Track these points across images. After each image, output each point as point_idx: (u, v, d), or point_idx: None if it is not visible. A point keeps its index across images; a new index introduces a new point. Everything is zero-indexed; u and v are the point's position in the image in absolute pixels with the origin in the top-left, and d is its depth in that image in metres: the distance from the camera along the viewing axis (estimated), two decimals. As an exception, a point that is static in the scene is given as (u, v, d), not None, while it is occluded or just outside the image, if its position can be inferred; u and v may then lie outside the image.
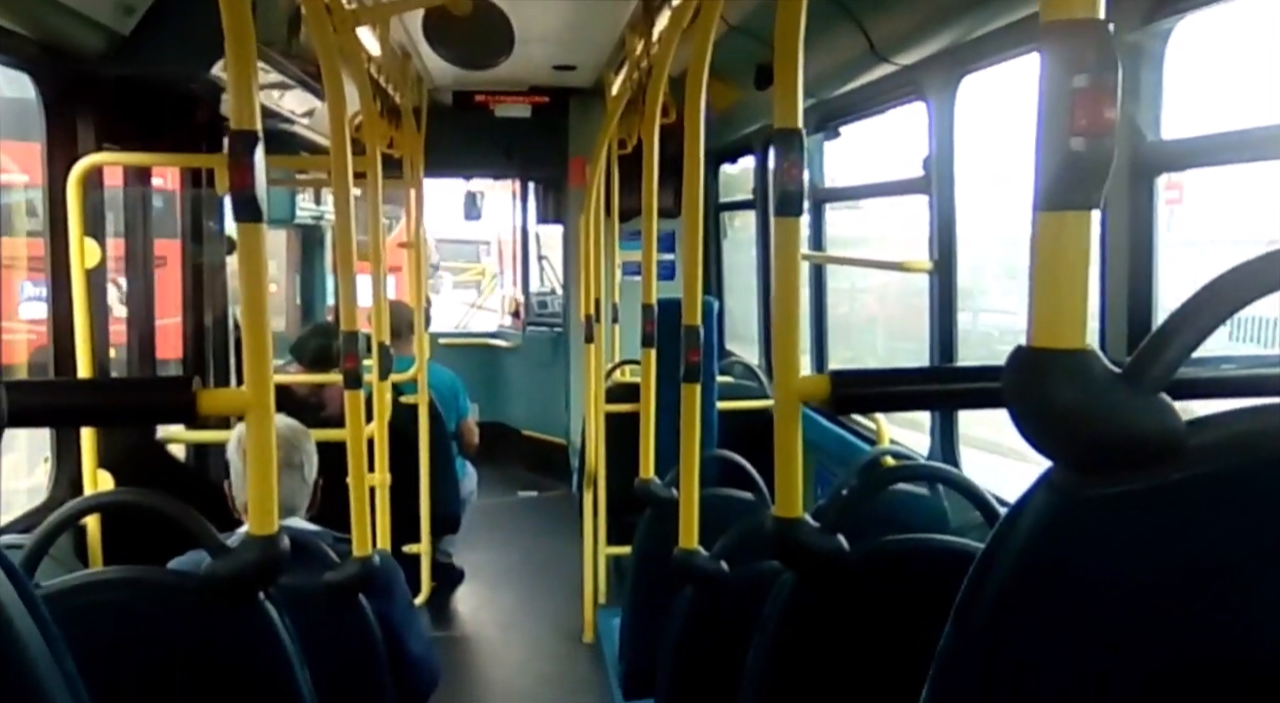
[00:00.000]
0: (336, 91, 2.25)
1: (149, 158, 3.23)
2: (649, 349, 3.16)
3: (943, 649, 0.90)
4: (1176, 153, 2.33)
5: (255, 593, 1.64)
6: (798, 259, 1.67)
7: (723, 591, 2.26)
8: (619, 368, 5.19)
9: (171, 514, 1.68)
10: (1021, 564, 0.84)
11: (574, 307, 6.86)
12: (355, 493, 2.21)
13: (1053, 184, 0.82)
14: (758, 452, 3.19)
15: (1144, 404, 0.80)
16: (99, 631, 1.56)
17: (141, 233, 3.44)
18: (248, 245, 1.54)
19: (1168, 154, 2.33)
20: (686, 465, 2.37)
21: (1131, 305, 2.40)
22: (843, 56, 3.45)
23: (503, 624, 4.98)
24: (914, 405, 2.41)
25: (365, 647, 2.19)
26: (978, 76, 3.13)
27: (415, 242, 4.63)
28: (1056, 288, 0.83)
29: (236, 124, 1.51)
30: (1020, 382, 0.84)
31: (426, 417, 4.37)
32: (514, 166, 7.45)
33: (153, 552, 2.08)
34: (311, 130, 4.70)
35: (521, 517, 6.65)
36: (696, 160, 2.36)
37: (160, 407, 1.66)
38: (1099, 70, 0.79)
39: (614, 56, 5.37)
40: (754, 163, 5.54)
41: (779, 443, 1.68)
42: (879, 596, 1.69)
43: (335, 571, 2.14)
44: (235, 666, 1.66)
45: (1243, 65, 2.84)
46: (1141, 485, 0.81)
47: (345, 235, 2.32)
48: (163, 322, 3.59)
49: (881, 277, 6.38)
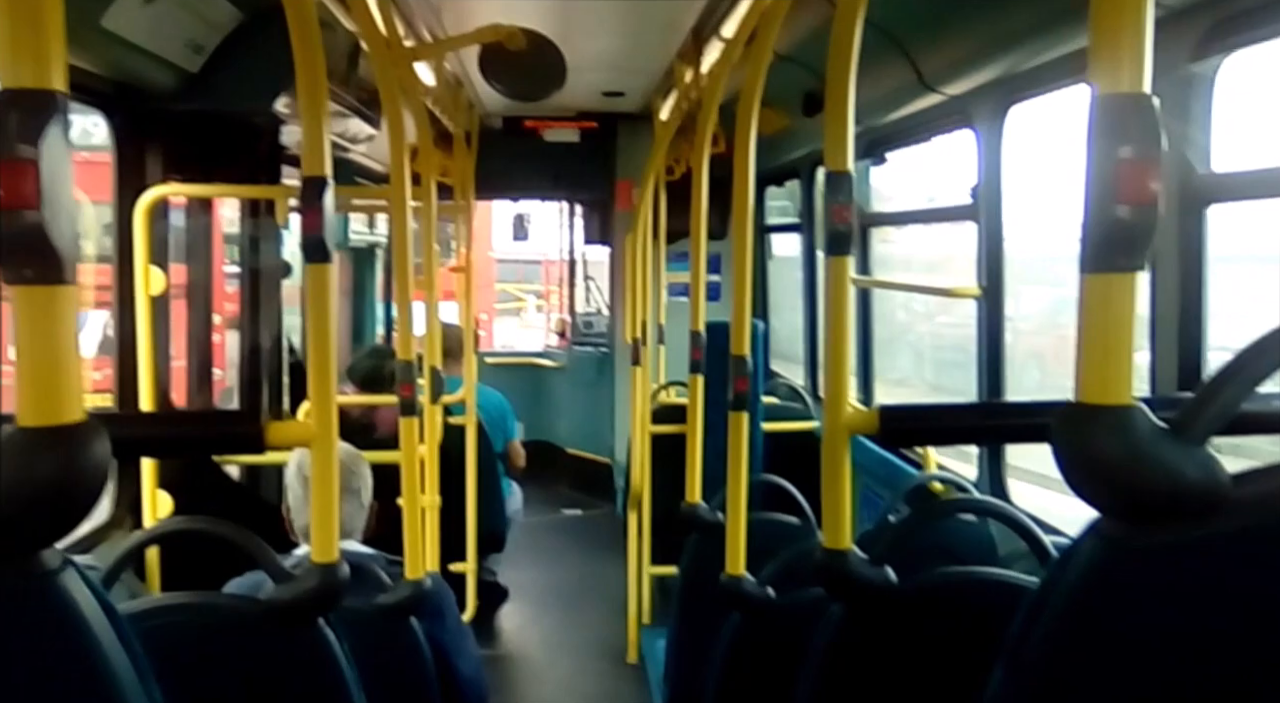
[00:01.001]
0: (397, 126, 2.31)
1: (213, 189, 3.33)
2: (696, 375, 3.19)
3: (992, 690, 0.93)
4: (1226, 185, 2.33)
5: (316, 618, 1.70)
6: (848, 296, 1.70)
7: (770, 617, 2.29)
8: (664, 390, 5.23)
9: (239, 543, 1.74)
10: (1070, 610, 0.87)
11: (619, 327, 6.91)
12: (409, 516, 2.26)
13: (1099, 248, 0.86)
14: (802, 473, 3.21)
15: (1189, 458, 0.83)
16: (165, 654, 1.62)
17: (203, 261, 3.54)
18: (316, 284, 1.60)
19: (1218, 186, 2.33)
20: (733, 492, 2.40)
21: (1182, 333, 2.40)
22: (890, 86, 3.48)
23: (547, 643, 5.01)
24: (961, 440, 2.42)
25: (417, 668, 2.23)
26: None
27: (467, 265, 4.71)
28: (1104, 346, 0.86)
29: (308, 170, 1.57)
30: (1069, 435, 0.87)
31: (474, 437, 4.43)
32: (562, 190, 7.54)
33: (209, 572, 2.15)
34: (367, 157, 4.81)
35: (565, 535, 6.69)
36: (746, 189, 2.40)
37: (230, 439, 1.72)
38: (1144, 142, 0.83)
39: (663, 83, 5.43)
40: (800, 187, 5.57)
41: (827, 474, 1.70)
42: (928, 628, 1.71)
43: (389, 594, 2.19)
44: (295, 690, 1.71)
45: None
46: (1187, 537, 0.83)
47: (402, 263, 2.38)
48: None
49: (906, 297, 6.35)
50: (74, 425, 0.93)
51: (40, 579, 0.92)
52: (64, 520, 0.93)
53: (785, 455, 4.04)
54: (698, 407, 3.17)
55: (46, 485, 0.90)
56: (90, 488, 0.93)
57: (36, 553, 0.93)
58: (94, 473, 0.93)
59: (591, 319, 8.27)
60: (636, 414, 4.63)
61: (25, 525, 0.90)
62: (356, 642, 1.81)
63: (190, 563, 2.25)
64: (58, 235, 0.89)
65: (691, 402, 3.20)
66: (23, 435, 0.91)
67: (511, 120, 6.67)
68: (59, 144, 0.88)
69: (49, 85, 0.89)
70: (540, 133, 6.70)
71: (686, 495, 3.07)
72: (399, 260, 2.39)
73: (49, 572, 0.93)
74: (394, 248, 2.43)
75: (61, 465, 0.91)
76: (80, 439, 0.93)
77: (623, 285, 6.47)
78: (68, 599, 0.93)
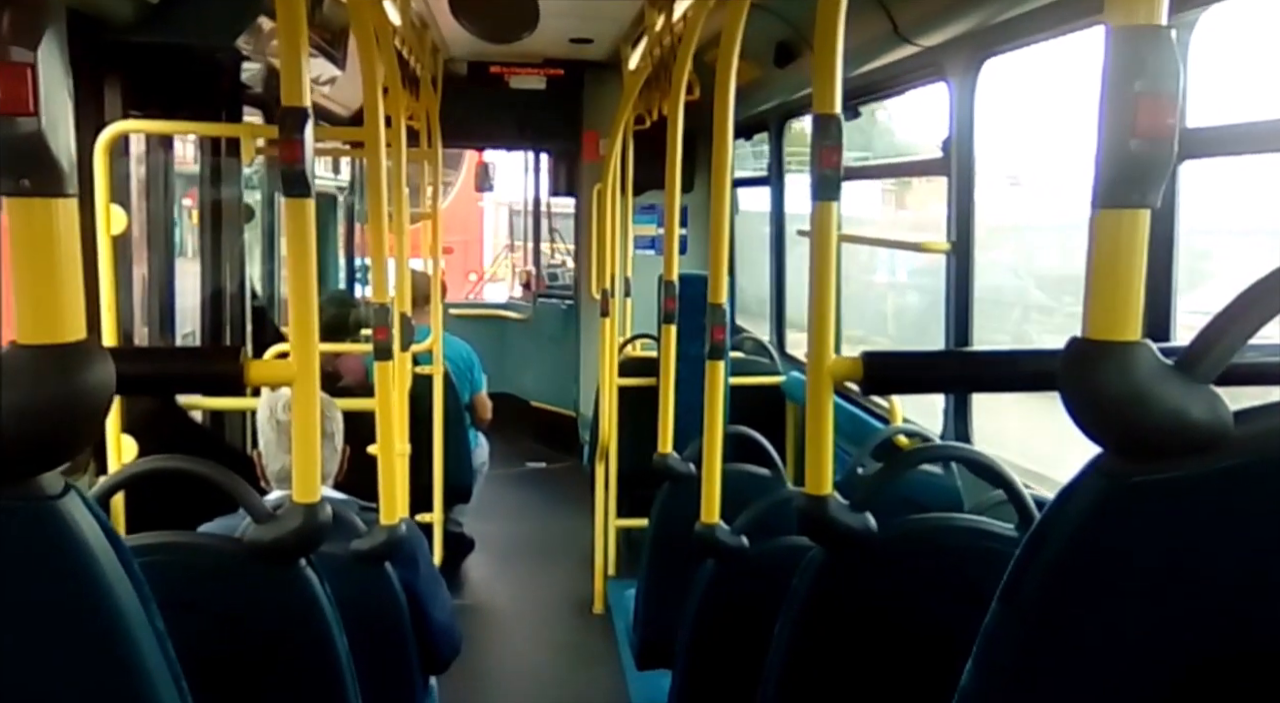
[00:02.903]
0: (370, 64, 2.26)
1: (176, 126, 3.24)
2: (670, 326, 3.18)
3: (988, 628, 0.93)
4: (1201, 140, 2.34)
5: (298, 559, 1.68)
6: (834, 243, 1.70)
7: (744, 565, 2.30)
8: (630, 343, 5.22)
9: (220, 482, 1.72)
10: (1070, 547, 0.87)
11: (585, 279, 6.88)
12: (384, 463, 2.24)
13: (1111, 183, 0.85)
14: (768, 426, 3.23)
15: (1194, 395, 0.83)
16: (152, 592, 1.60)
17: (163, 201, 3.46)
18: (296, 220, 1.56)
19: (1192, 142, 2.34)
20: (710, 442, 2.40)
21: (1151, 292, 2.42)
22: (865, 36, 3.45)
23: (513, 594, 5.04)
24: (945, 388, 2.43)
25: (392, 614, 2.23)
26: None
27: (434, 212, 4.65)
28: (1113, 282, 0.86)
29: (287, 101, 1.53)
30: (1075, 371, 0.87)
31: (441, 387, 4.41)
32: (527, 139, 7.44)
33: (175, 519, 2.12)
34: (330, 100, 4.71)
35: (530, 488, 6.70)
36: (725, 138, 2.38)
37: (210, 376, 1.69)
38: (1160, 75, 0.82)
39: (631, 31, 5.36)
40: (769, 140, 5.55)
41: (811, 421, 1.71)
42: (906, 573, 1.73)
43: (363, 539, 2.17)
44: (278, 629, 1.70)
45: (1269, 55, 2.84)
46: (1189, 473, 0.84)
47: (377, 207, 2.34)
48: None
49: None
50: (76, 344, 0.90)
51: (43, 504, 0.90)
52: (67, 443, 0.89)
53: (751, 409, 4.06)
54: (670, 357, 3.17)
55: (48, 405, 0.87)
56: (93, 408, 0.90)
57: (38, 478, 0.90)
58: (97, 393, 0.90)
59: (556, 271, 8.22)
60: (605, 366, 4.63)
61: (27, 448, 0.87)
62: (332, 586, 1.80)
63: (157, 509, 2.22)
64: (56, 144, 0.85)
65: (665, 352, 3.19)
66: (23, 354, 0.88)
67: (477, 66, 6.55)
68: (56, 48, 0.84)
69: None
70: (506, 79, 6.60)
71: (659, 446, 3.07)
72: (373, 203, 2.35)
73: (51, 496, 0.90)
74: (368, 191, 2.38)
75: (63, 384, 0.87)
76: (83, 358, 0.89)
77: (588, 237, 6.42)
78: (72, 525, 0.90)
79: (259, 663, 1.72)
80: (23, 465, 0.89)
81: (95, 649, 0.92)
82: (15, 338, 0.88)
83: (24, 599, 0.89)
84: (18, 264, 0.88)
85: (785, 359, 5.16)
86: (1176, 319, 2.43)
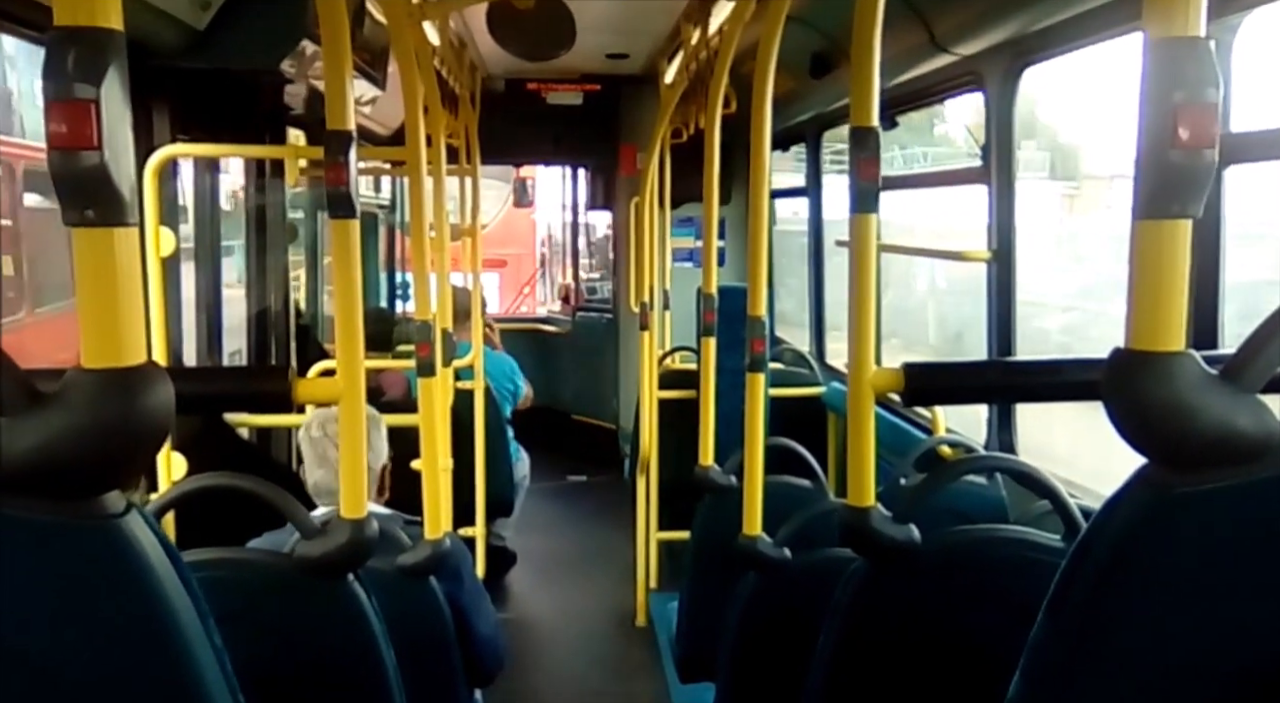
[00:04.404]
0: (411, 84, 2.29)
1: (224, 149, 3.30)
2: (709, 338, 3.19)
3: (1034, 639, 0.93)
4: (1245, 145, 2.32)
5: (346, 574, 1.70)
6: (874, 255, 1.70)
7: (786, 577, 2.30)
8: (670, 356, 5.23)
9: (269, 499, 1.74)
10: (1115, 558, 0.87)
11: (623, 292, 6.90)
12: (428, 477, 2.26)
13: (1152, 194, 0.85)
14: (808, 438, 3.22)
15: (1240, 404, 0.83)
16: None
17: (209, 222, 3.52)
18: (341, 240, 1.59)
19: (1236, 146, 2.32)
20: (750, 453, 2.40)
21: (1197, 300, 2.40)
22: (901, 46, 3.45)
23: (556, 607, 5.04)
24: (988, 399, 2.41)
25: (437, 628, 2.25)
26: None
27: (473, 229, 4.69)
28: (1155, 293, 0.86)
29: (332, 124, 1.56)
30: (1118, 381, 0.87)
31: (483, 401, 4.44)
32: (564, 154, 7.49)
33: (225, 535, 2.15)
34: (370, 120, 4.77)
35: (571, 501, 6.71)
36: (762, 149, 2.38)
37: (260, 395, 1.72)
38: (1200, 86, 0.82)
39: (667, 45, 5.39)
40: (805, 152, 5.54)
41: (853, 433, 1.71)
42: (950, 585, 1.72)
43: (409, 553, 2.20)
44: (326, 644, 1.72)
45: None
46: (1235, 483, 0.83)
47: (419, 224, 2.37)
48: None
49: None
50: (137, 367, 0.93)
51: (107, 522, 0.92)
52: (129, 462, 0.92)
53: (791, 421, 4.05)
54: (710, 369, 3.17)
55: (111, 427, 0.89)
56: (155, 430, 0.92)
57: (100, 497, 0.92)
58: (158, 415, 0.92)
59: (595, 285, 8.25)
60: (645, 379, 4.64)
61: (90, 468, 0.90)
62: (378, 601, 1.82)
63: (206, 526, 2.26)
64: (119, 176, 0.88)
65: (705, 364, 3.19)
66: (87, 378, 0.91)
67: (514, 83, 6.61)
68: (118, 84, 0.87)
69: (107, 23, 0.87)
70: (543, 96, 6.65)
71: (700, 459, 3.08)
72: (415, 218, 2.38)
73: (113, 515, 0.92)
74: (410, 208, 2.41)
75: (126, 406, 0.90)
76: (144, 381, 0.92)
77: (626, 251, 6.45)
78: (134, 542, 0.93)
79: (308, 677, 1.74)
80: (87, 485, 0.91)
81: (158, 665, 0.94)
82: (80, 362, 0.91)
83: (89, 615, 0.91)
84: (82, 291, 0.91)
85: (825, 370, 5.14)
86: (1224, 328, 2.40)
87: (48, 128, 0.85)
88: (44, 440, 0.87)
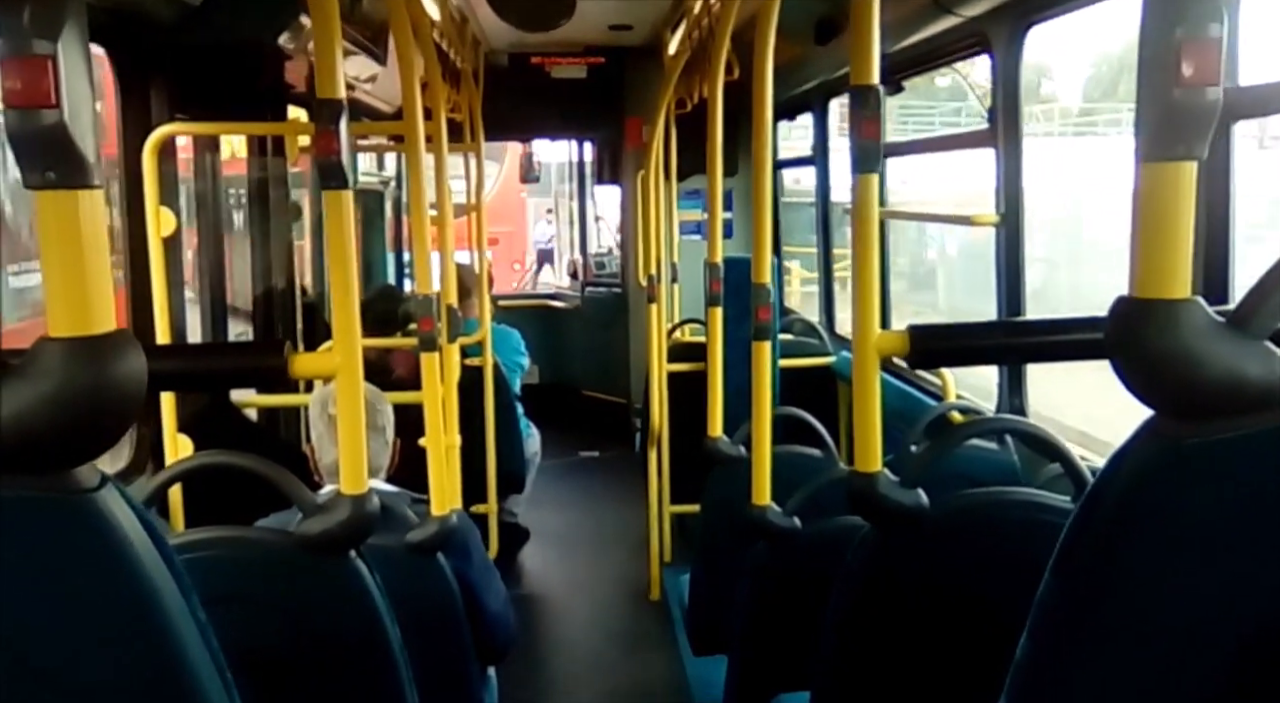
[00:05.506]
0: (407, 57, 2.26)
1: (223, 127, 3.27)
2: (716, 308, 3.16)
3: (1041, 597, 0.91)
4: (1255, 100, 2.27)
5: (348, 551, 1.69)
6: (875, 215, 1.67)
7: (796, 546, 2.28)
8: (679, 328, 5.20)
9: (269, 477, 1.73)
10: (1123, 511, 0.85)
11: (631, 266, 6.87)
12: (433, 454, 2.25)
13: (1155, 135, 0.82)
14: (818, 407, 3.20)
15: (1248, 352, 0.80)
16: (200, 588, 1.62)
17: (211, 201, 3.50)
18: (334, 212, 1.57)
19: (1246, 101, 2.27)
20: (758, 423, 2.38)
21: (1207, 254, 2.36)
22: (905, 9, 3.40)
23: (569, 583, 5.05)
24: (993, 360, 2.38)
25: (445, 605, 2.24)
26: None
27: (478, 205, 4.66)
28: (1160, 238, 0.83)
29: (322, 93, 1.53)
30: (1123, 331, 0.84)
31: (491, 378, 4.43)
32: (570, 128, 7.45)
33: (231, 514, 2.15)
34: (372, 96, 4.74)
35: (583, 476, 6.71)
36: (765, 118, 2.35)
37: (256, 370, 1.71)
38: (1202, 21, 0.79)
39: (670, 15, 5.33)
40: (812, 120, 5.49)
41: (858, 398, 1.68)
42: (960, 548, 1.70)
43: (416, 530, 2.19)
44: (330, 621, 1.72)
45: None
46: (1244, 432, 0.81)
47: (419, 199, 2.35)
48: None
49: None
50: (106, 335, 0.90)
51: (79, 496, 0.90)
52: (100, 434, 0.89)
53: (803, 391, 4.02)
54: (717, 339, 3.15)
55: (81, 397, 0.87)
56: (127, 399, 0.90)
57: (72, 470, 0.90)
58: (129, 384, 0.90)
59: (603, 259, 8.22)
60: (653, 352, 4.62)
61: (60, 439, 0.87)
62: (385, 579, 1.81)
63: (213, 505, 2.25)
64: (80, 135, 0.85)
65: (712, 335, 3.17)
66: (54, 346, 0.88)
67: (517, 57, 6.57)
68: (77, 38, 0.84)
69: None
70: (547, 69, 6.60)
71: (709, 430, 3.06)
72: (415, 194, 2.36)
73: (87, 489, 0.90)
74: (409, 183, 2.39)
75: (96, 375, 0.87)
76: (114, 349, 0.89)
77: (633, 224, 6.41)
78: (109, 517, 0.90)
79: (312, 656, 1.73)
80: (57, 458, 0.89)
81: (134, 640, 0.92)
82: (48, 332, 0.88)
83: (62, 591, 0.89)
84: (47, 257, 0.88)
85: (835, 339, 5.11)
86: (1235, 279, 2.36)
87: (4, 86, 0.82)
88: (11, 412, 0.84)
